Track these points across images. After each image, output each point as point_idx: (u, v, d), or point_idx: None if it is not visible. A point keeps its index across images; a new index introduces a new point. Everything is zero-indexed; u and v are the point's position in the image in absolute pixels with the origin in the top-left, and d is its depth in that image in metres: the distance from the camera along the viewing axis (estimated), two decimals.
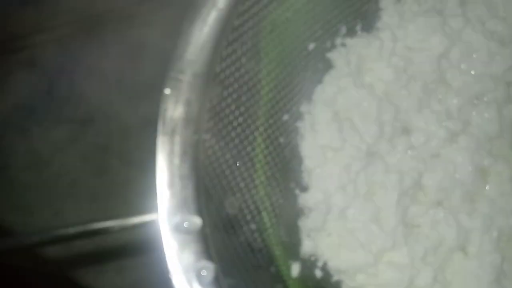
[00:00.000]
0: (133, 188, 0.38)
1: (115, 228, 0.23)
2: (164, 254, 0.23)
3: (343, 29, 0.33)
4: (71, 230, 0.23)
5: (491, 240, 0.30)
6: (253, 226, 0.28)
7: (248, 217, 0.28)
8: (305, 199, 0.31)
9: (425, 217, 0.31)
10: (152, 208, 0.24)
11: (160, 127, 0.25)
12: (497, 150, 0.32)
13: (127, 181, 0.45)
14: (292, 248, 0.30)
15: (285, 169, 0.31)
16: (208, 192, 0.26)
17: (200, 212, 0.24)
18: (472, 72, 0.32)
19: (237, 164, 0.29)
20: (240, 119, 0.28)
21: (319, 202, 0.31)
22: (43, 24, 0.52)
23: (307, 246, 0.31)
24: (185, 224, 0.24)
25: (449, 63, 0.32)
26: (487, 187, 0.31)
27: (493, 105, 0.32)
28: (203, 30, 0.26)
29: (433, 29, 0.32)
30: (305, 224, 0.31)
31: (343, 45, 0.33)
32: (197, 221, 0.24)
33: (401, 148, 0.31)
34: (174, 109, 0.25)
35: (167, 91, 0.25)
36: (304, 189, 0.31)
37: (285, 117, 0.31)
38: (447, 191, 0.31)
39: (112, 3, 0.52)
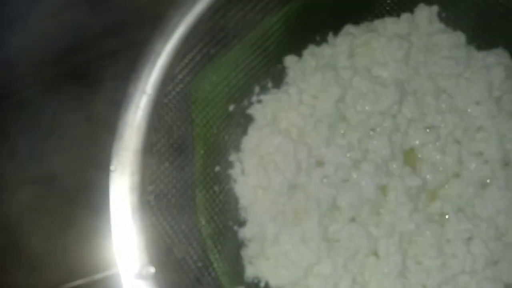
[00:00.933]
0: (101, 236, 0.42)
1: (83, 286, 0.29)
2: None
3: (257, 89, 0.39)
4: None
5: (394, 243, 0.37)
6: (199, 264, 0.34)
7: (195, 257, 0.34)
8: (244, 232, 0.37)
9: (343, 232, 0.37)
10: (113, 263, 0.30)
11: (111, 196, 0.31)
12: (392, 170, 0.39)
13: (94, 231, 0.50)
14: (237, 275, 0.36)
15: (222, 211, 0.37)
16: (158, 243, 0.31)
17: (152, 261, 0.30)
18: (367, 108, 0.40)
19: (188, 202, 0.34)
20: (178, 177, 0.34)
21: (256, 233, 0.37)
22: None
23: (250, 272, 0.36)
24: (143, 273, 0.30)
25: (346, 106, 0.39)
26: (387, 201, 0.38)
27: (384, 135, 0.38)
28: (136, 113, 0.32)
29: (328, 81, 0.38)
30: (246, 253, 0.37)
31: (259, 101, 0.39)
32: (151, 269, 0.30)
33: (317, 178, 0.38)
34: (121, 180, 0.31)
35: (112, 167, 0.31)
36: (242, 224, 0.37)
37: (217, 168, 0.37)
38: (357, 209, 0.37)
39: (63, 63, 0.57)
